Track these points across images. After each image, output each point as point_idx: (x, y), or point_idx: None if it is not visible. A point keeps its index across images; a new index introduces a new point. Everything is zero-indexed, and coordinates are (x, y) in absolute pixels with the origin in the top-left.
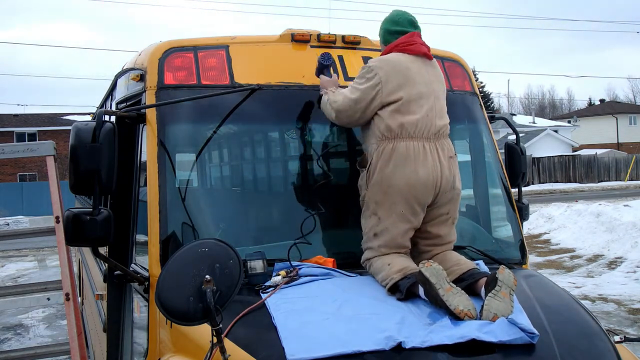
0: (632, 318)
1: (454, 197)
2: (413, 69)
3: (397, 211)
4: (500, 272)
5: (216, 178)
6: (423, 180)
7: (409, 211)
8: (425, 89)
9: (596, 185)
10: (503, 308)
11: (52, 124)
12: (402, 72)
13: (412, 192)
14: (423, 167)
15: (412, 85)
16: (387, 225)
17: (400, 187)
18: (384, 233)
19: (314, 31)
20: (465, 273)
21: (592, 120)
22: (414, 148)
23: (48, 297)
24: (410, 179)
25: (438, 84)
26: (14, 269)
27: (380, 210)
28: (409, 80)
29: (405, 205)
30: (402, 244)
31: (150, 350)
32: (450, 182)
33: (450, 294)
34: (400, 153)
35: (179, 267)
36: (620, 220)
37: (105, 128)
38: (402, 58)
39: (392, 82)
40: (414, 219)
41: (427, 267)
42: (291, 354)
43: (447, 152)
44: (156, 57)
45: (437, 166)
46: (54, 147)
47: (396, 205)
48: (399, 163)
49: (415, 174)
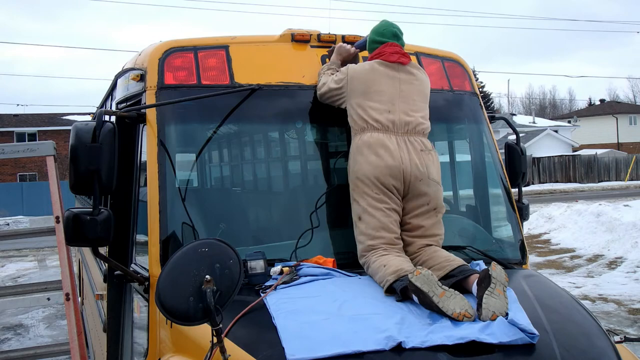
0: (632, 318)
1: (432, 187)
2: (380, 72)
3: (369, 192)
4: (492, 269)
5: (216, 178)
6: (388, 164)
7: (379, 192)
8: (391, 89)
9: (596, 185)
10: (500, 305)
11: (52, 124)
12: (366, 75)
13: (377, 175)
14: (387, 153)
15: (375, 86)
16: (365, 206)
17: (367, 171)
18: (365, 214)
19: (314, 31)
20: (455, 269)
21: (592, 120)
22: (379, 137)
23: (48, 297)
24: (375, 163)
25: (409, 85)
26: (14, 269)
27: (357, 195)
28: (373, 82)
29: (374, 187)
30: (386, 224)
31: (150, 350)
32: (423, 172)
33: (444, 298)
34: (368, 142)
35: (179, 267)
36: (620, 220)
37: (105, 128)
38: (375, 65)
39: (356, 85)
40: (388, 199)
41: (417, 276)
42: (291, 354)
43: (417, 146)
44: (156, 57)
45: (404, 155)
46: (54, 147)
47: (366, 187)
48: (365, 149)
49: (380, 159)
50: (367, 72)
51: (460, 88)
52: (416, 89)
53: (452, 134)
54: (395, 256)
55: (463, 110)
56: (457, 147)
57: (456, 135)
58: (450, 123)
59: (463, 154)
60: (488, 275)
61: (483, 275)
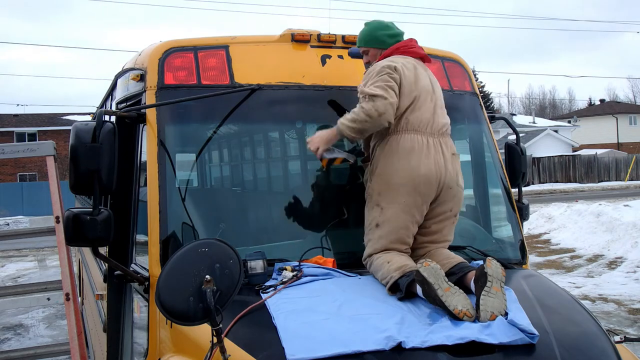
0: (632, 318)
1: (457, 195)
2: (419, 69)
3: (399, 201)
4: (488, 266)
5: (216, 178)
6: (426, 173)
7: (411, 204)
8: (428, 88)
9: (596, 185)
10: (498, 304)
11: (52, 124)
12: (412, 71)
13: (415, 185)
14: (426, 160)
15: (420, 85)
16: (389, 216)
17: (404, 179)
18: (386, 224)
19: (314, 31)
20: (455, 266)
21: (592, 120)
22: (418, 141)
23: (48, 297)
24: (414, 172)
25: (437, 86)
26: (14, 269)
27: (383, 201)
28: (417, 81)
29: (407, 197)
30: (402, 238)
31: (150, 350)
32: (454, 178)
33: (448, 294)
34: (405, 145)
35: (179, 267)
36: (620, 220)
37: (105, 128)
38: (408, 59)
39: (407, 78)
40: (417, 213)
41: (426, 267)
42: (291, 354)
43: (450, 149)
44: (156, 57)
45: (440, 160)
46: (54, 147)
47: (399, 195)
48: (402, 155)
49: (418, 166)
50: (412, 72)
51: (460, 88)
52: (440, 88)
53: (452, 134)
54: (398, 254)
55: (463, 110)
56: (457, 147)
57: (456, 135)
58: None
59: (463, 154)
60: (483, 273)
61: (479, 273)
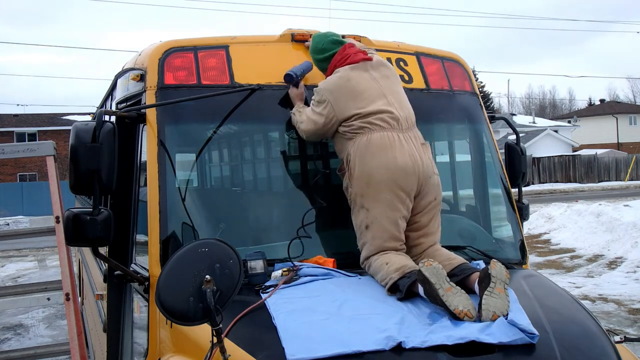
0: (632, 318)
1: (437, 182)
2: (354, 78)
3: (382, 199)
4: (492, 267)
5: (216, 178)
6: (402, 166)
7: (394, 197)
8: (373, 90)
9: (596, 185)
10: (501, 305)
11: (52, 124)
12: (346, 87)
13: (394, 179)
14: (400, 153)
15: (360, 93)
16: (376, 215)
17: (382, 175)
18: (375, 223)
19: (314, 31)
20: (457, 267)
21: (592, 120)
22: (388, 137)
23: (48, 297)
24: (390, 165)
25: (385, 80)
26: (14, 269)
27: (367, 202)
28: (355, 91)
29: (389, 192)
30: (394, 234)
31: (150, 350)
32: (430, 168)
33: (450, 294)
34: (376, 143)
35: (179, 267)
36: (620, 220)
37: (105, 128)
38: (343, 73)
39: (342, 101)
40: (402, 207)
41: (427, 267)
42: (291, 354)
43: (419, 140)
44: (156, 57)
45: (414, 152)
46: (54, 147)
47: (381, 193)
48: (375, 152)
49: (394, 159)
50: (344, 82)
51: (460, 88)
52: (394, 81)
53: (452, 134)
54: (397, 254)
55: (463, 110)
56: (457, 147)
57: (456, 135)
58: (450, 123)
59: (463, 154)
60: (487, 274)
61: (483, 274)
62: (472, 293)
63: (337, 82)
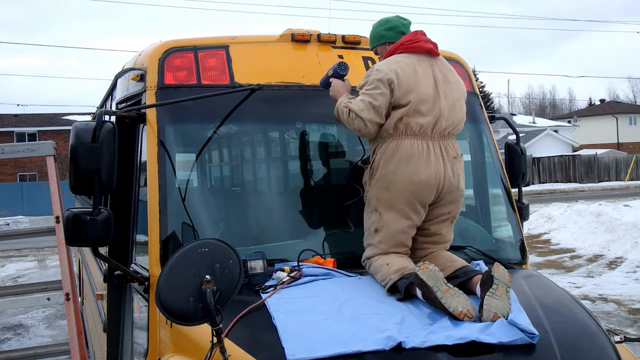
0: (632, 318)
1: (457, 198)
2: (420, 71)
3: (398, 208)
4: (495, 270)
5: (216, 178)
6: (425, 180)
7: (410, 208)
8: (433, 90)
9: (596, 185)
10: (502, 306)
11: (52, 124)
12: (410, 74)
13: (414, 191)
14: (426, 166)
15: (420, 88)
16: (388, 221)
17: (402, 185)
18: (384, 229)
19: (314, 31)
20: (459, 270)
21: (592, 120)
22: (417, 146)
23: (48, 297)
24: (413, 178)
25: (447, 84)
26: (14, 269)
27: (382, 207)
28: (417, 83)
29: (406, 202)
30: (402, 241)
31: (150, 350)
32: (454, 183)
33: (448, 295)
34: (404, 151)
35: (179, 267)
36: (620, 220)
37: (105, 128)
38: (408, 60)
39: (403, 86)
40: (415, 217)
41: (424, 270)
42: (291, 354)
43: (451, 153)
44: (156, 57)
45: (440, 166)
46: (54, 147)
47: (397, 202)
48: (402, 160)
49: (418, 172)
50: (411, 72)
51: None
52: (453, 85)
53: None
54: (398, 256)
55: None
56: None
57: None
58: None
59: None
60: (490, 276)
61: (485, 276)
62: (472, 295)
63: (402, 63)
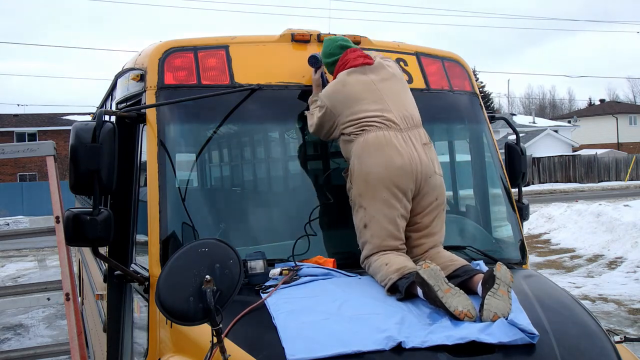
0: (632, 318)
1: (438, 182)
2: (350, 83)
3: (379, 197)
4: (497, 270)
5: (216, 178)
6: (400, 165)
7: (391, 195)
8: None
9: (596, 185)
10: (502, 306)
11: (52, 124)
12: (341, 92)
13: (390, 177)
14: (398, 153)
15: (357, 94)
16: (373, 213)
17: (378, 173)
18: (373, 222)
19: (314, 31)
20: (459, 269)
21: (592, 120)
22: (384, 136)
23: (48, 297)
24: (387, 164)
25: (384, 82)
26: (14, 269)
27: (365, 200)
28: (350, 96)
29: (386, 190)
30: (393, 233)
31: (150, 350)
32: (431, 167)
33: (449, 295)
34: (372, 142)
35: (179, 267)
36: (620, 220)
37: (105, 128)
38: (340, 78)
39: (338, 107)
40: (399, 205)
41: (425, 269)
42: (291, 354)
43: (420, 140)
44: (156, 57)
45: (413, 152)
46: (54, 147)
47: (377, 191)
48: (372, 151)
49: (391, 158)
50: (340, 87)
51: (460, 88)
52: (394, 82)
53: (452, 134)
54: (397, 255)
55: (463, 110)
56: (457, 147)
57: (456, 136)
58: (450, 123)
59: (463, 154)
60: (492, 275)
61: (487, 275)
62: (473, 294)
63: (334, 87)
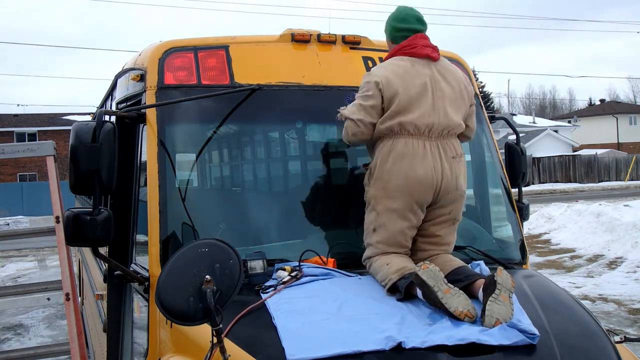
0: (632, 318)
1: (457, 198)
2: (411, 72)
3: (393, 207)
4: (498, 275)
5: (216, 178)
6: (421, 179)
7: (406, 208)
8: (424, 89)
9: (596, 185)
10: (504, 312)
11: (52, 124)
12: (399, 76)
13: (410, 190)
14: (421, 165)
15: (409, 87)
16: (384, 221)
17: (398, 184)
18: (382, 229)
19: (314, 31)
20: (458, 269)
21: (592, 120)
22: (412, 145)
23: (48, 297)
24: (408, 176)
25: (444, 83)
26: (14, 269)
27: (379, 206)
28: (406, 83)
29: (402, 202)
30: (401, 242)
31: (150, 350)
32: (453, 183)
33: (448, 295)
34: (399, 150)
35: (179, 267)
36: (620, 220)
37: (105, 128)
38: (401, 63)
39: (392, 88)
40: (413, 218)
41: (424, 270)
42: (291, 354)
43: (449, 152)
44: (156, 57)
45: (437, 166)
46: (54, 147)
47: (393, 201)
48: (397, 159)
49: (413, 171)
50: (401, 77)
51: None
52: (452, 86)
53: None
54: (398, 256)
55: None
56: None
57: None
58: None
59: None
60: (493, 281)
61: (488, 281)
62: (475, 299)
63: (394, 69)
